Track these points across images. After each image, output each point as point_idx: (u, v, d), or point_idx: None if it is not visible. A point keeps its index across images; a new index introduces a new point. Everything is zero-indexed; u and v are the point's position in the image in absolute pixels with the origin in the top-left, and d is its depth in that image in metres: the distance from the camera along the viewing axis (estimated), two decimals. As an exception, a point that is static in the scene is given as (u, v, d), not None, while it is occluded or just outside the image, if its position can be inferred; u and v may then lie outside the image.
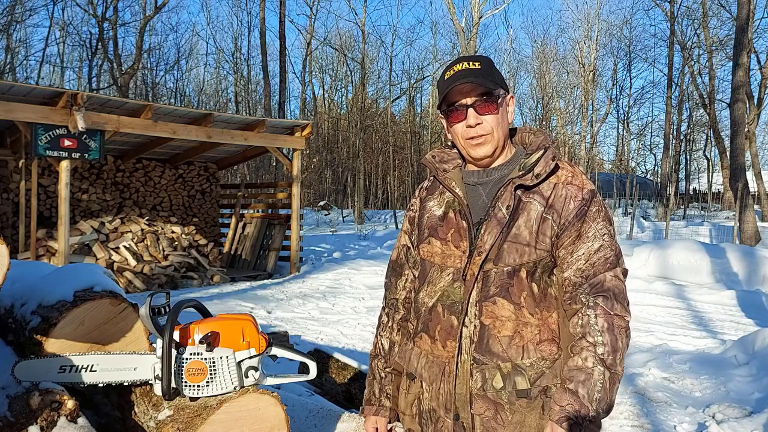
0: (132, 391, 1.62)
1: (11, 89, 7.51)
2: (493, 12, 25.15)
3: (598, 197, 1.45)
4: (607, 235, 1.41)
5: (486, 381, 1.39)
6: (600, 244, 1.40)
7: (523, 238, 1.40)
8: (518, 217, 1.42)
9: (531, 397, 1.38)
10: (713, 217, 22.84)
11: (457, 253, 1.46)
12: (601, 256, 1.39)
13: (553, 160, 1.45)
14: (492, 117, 1.45)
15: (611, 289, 1.37)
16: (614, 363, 1.33)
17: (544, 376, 1.39)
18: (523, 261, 1.40)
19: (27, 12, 27.38)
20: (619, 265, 1.41)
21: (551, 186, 1.44)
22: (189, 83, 40.43)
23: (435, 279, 1.50)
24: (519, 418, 1.38)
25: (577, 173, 1.47)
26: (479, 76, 1.43)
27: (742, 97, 15.00)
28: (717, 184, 31.62)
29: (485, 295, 1.41)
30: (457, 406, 1.42)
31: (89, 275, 1.79)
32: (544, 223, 1.41)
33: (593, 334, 1.34)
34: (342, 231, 21.39)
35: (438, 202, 1.57)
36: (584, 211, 1.41)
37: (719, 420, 3.77)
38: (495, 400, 1.39)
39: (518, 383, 1.38)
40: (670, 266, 9.58)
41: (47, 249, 8.61)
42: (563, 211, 1.41)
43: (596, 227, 1.41)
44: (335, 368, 3.37)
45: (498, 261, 1.41)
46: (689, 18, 27.75)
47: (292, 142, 10.79)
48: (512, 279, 1.40)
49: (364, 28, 31.24)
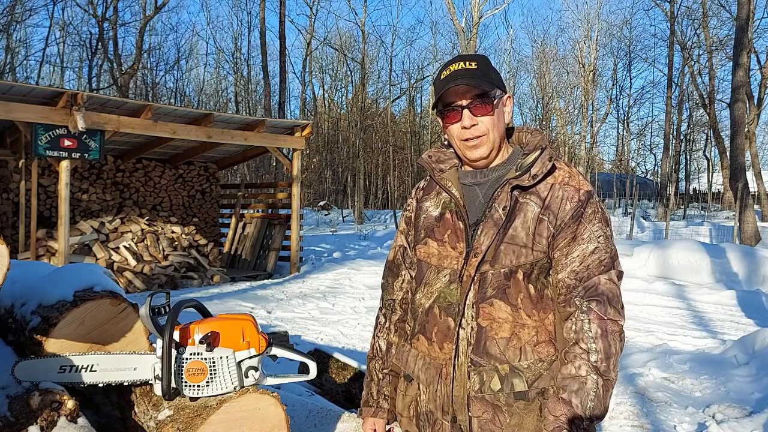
0: (132, 391, 1.62)
1: (11, 89, 7.51)
2: (493, 12, 25.16)
3: (595, 199, 1.43)
4: (602, 237, 1.40)
5: (483, 383, 1.39)
6: (595, 246, 1.38)
7: (519, 239, 1.40)
8: (515, 218, 1.41)
9: (529, 398, 1.38)
10: (713, 217, 22.85)
11: (454, 254, 1.46)
12: (596, 258, 1.38)
13: (550, 161, 1.44)
14: (488, 118, 1.43)
15: (605, 293, 1.36)
16: (608, 369, 1.33)
17: (541, 377, 1.38)
18: (520, 262, 1.39)
19: (27, 12, 27.40)
20: (614, 267, 1.39)
21: (548, 187, 1.43)
22: (189, 83, 40.49)
23: (431, 280, 1.49)
24: (517, 420, 1.38)
25: (574, 174, 1.46)
26: (475, 77, 1.41)
27: (742, 97, 15.00)
28: (717, 184, 31.62)
29: (482, 296, 1.40)
30: (455, 408, 1.42)
31: (89, 275, 1.79)
32: (540, 224, 1.40)
33: (586, 340, 1.34)
34: (342, 231, 21.39)
35: (434, 203, 1.56)
36: (580, 212, 1.40)
37: (719, 420, 3.76)
38: (493, 402, 1.39)
39: (516, 385, 1.38)
40: (670, 266, 9.58)
41: (47, 249, 8.61)
42: (559, 212, 1.40)
43: (591, 229, 1.40)
44: (335, 368, 3.37)
45: (495, 262, 1.40)
46: (689, 18, 27.78)
47: (292, 142, 10.79)
48: (509, 280, 1.40)
49: (364, 28, 31.26)
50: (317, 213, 29.27)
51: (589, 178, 29.06)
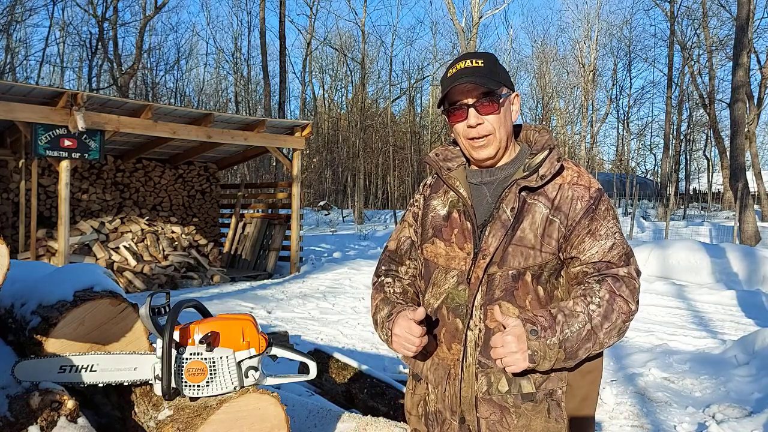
0: (132, 391, 1.62)
1: (11, 89, 7.51)
2: (493, 12, 25.14)
3: (605, 196, 1.44)
4: (618, 233, 1.41)
5: (491, 385, 1.39)
6: (613, 243, 1.39)
7: (528, 241, 1.39)
8: (523, 220, 1.40)
9: (537, 400, 1.37)
10: (713, 217, 22.84)
11: (462, 255, 1.44)
12: (615, 253, 1.38)
13: (559, 161, 1.43)
14: (494, 117, 1.42)
15: (623, 277, 1.36)
16: (599, 326, 1.31)
17: (549, 379, 1.38)
18: (528, 264, 1.38)
19: (27, 12, 27.40)
20: (632, 263, 1.39)
21: (556, 187, 1.42)
22: (189, 83, 40.50)
23: (440, 281, 1.48)
24: (525, 422, 1.38)
25: (582, 173, 1.46)
26: (481, 76, 1.40)
27: (742, 97, 15.00)
28: (717, 184, 31.62)
29: (490, 298, 1.39)
30: (463, 409, 1.42)
31: (89, 275, 1.79)
32: (550, 225, 1.39)
33: (592, 295, 1.33)
34: (342, 231, 21.39)
35: (442, 202, 1.54)
36: (593, 209, 1.40)
37: (719, 420, 3.76)
38: (500, 403, 1.38)
39: (524, 387, 1.37)
40: (671, 266, 9.58)
41: (47, 249, 8.61)
42: (570, 212, 1.39)
43: (607, 225, 1.40)
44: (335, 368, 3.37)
45: (503, 264, 1.39)
46: (689, 18, 27.77)
47: (292, 142, 10.79)
48: (517, 282, 1.39)
49: (364, 28, 31.25)
50: (317, 213, 29.27)
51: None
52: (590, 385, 1.44)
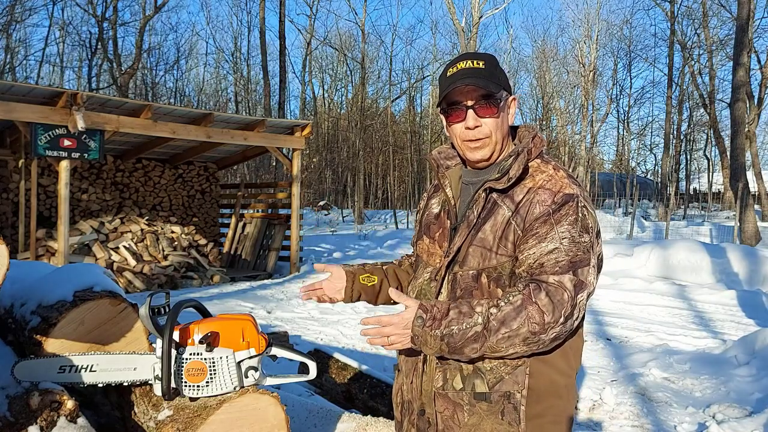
0: (132, 391, 1.62)
1: (11, 89, 7.51)
2: (493, 12, 25.11)
3: (574, 202, 1.35)
4: (567, 239, 1.32)
5: (447, 381, 1.42)
6: (555, 247, 1.31)
7: (487, 242, 1.39)
8: (487, 221, 1.40)
9: (492, 401, 1.37)
10: (714, 217, 22.85)
11: (439, 252, 1.50)
12: (552, 258, 1.31)
13: (526, 163, 1.41)
14: (492, 120, 1.42)
15: (550, 284, 1.29)
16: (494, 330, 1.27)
17: (503, 381, 1.37)
18: (485, 266, 1.39)
19: (27, 12, 27.39)
20: (570, 272, 1.30)
21: (524, 190, 1.40)
22: (189, 83, 40.36)
23: (419, 275, 1.56)
24: (475, 421, 1.38)
25: (557, 177, 1.40)
26: (481, 77, 1.40)
27: (743, 97, 15.00)
28: (717, 183, 31.62)
29: (452, 297, 1.43)
30: (423, 401, 1.46)
31: (89, 275, 1.79)
32: (508, 227, 1.38)
33: (505, 298, 1.30)
34: (342, 231, 21.38)
35: (438, 200, 1.60)
36: (550, 213, 1.34)
37: (719, 420, 3.76)
38: (454, 400, 1.40)
39: (477, 386, 1.38)
40: (671, 266, 9.57)
41: (47, 249, 8.61)
42: (527, 216, 1.36)
43: (558, 230, 1.33)
44: (335, 368, 3.37)
45: (464, 264, 1.42)
46: (689, 18, 27.76)
47: (292, 141, 10.79)
48: (476, 282, 1.41)
49: (364, 27, 31.21)
50: (317, 213, 29.28)
51: (589, 178, 29.22)
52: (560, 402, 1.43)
